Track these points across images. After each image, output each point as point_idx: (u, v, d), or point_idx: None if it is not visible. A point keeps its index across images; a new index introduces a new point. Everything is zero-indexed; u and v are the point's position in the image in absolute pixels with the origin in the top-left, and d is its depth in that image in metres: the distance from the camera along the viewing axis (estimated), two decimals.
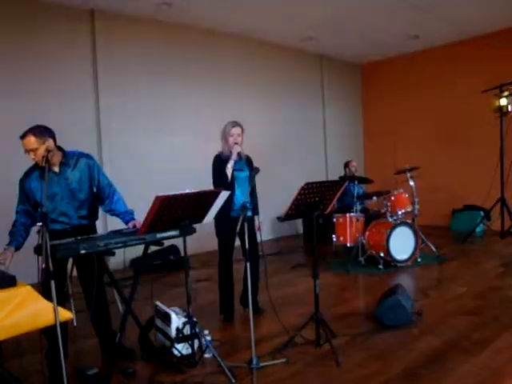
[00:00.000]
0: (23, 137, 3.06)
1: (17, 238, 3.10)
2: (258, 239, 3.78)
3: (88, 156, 3.40)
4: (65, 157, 3.25)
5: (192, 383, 2.95)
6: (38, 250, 2.78)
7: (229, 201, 3.98)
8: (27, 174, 3.20)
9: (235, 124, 4.10)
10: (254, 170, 3.94)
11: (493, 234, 7.55)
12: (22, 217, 3.18)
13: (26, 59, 5.77)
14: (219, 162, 4.13)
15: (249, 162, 4.29)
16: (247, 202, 2.92)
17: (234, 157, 4.03)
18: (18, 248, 3.07)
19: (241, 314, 4.30)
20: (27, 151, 3.07)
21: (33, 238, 2.92)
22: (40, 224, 2.44)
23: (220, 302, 4.31)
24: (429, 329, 3.71)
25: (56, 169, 3.21)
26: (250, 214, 4.21)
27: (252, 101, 8.17)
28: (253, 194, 4.24)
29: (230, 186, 3.99)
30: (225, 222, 3.99)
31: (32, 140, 3.04)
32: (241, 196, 4.11)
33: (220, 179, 4.07)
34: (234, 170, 4.07)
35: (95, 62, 6.38)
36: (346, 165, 7.47)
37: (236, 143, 4.04)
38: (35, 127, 3.09)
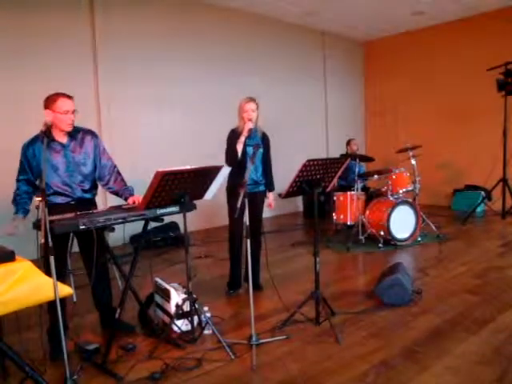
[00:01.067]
0: (70, 97, 3.14)
1: (23, 206, 3.10)
2: (264, 216, 3.76)
3: (94, 133, 3.40)
4: (72, 130, 3.23)
5: (191, 359, 2.96)
6: (36, 226, 2.76)
7: (240, 176, 3.98)
8: (32, 142, 3.14)
9: (249, 100, 4.05)
10: (254, 147, 3.93)
11: (494, 214, 7.54)
12: (24, 185, 3.16)
13: (27, 31, 5.66)
14: (232, 136, 4.11)
15: (264, 138, 4.24)
16: (255, 178, 2.87)
17: (245, 133, 3.99)
18: (24, 216, 3.08)
19: (241, 291, 4.31)
20: (71, 112, 3.11)
21: (33, 213, 2.89)
22: (39, 199, 2.40)
23: (229, 276, 4.36)
24: (428, 307, 3.72)
25: (63, 140, 3.19)
26: (262, 188, 4.25)
27: (253, 77, 8.04)
28: (267, 169, 4.26)
29: (238, 161, 3.98)
30: (236, 196, 3.97)
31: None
32: (253, 172, 4.10)
33: (230, 154, 4.07)
34: (246, 146, 4.05)
35: (94, 36, 6.25)
36: (348, 143, 7.44)
37: (249, 119, 3.99)
38: None
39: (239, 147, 4.00)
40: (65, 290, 2.43)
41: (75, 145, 3.24)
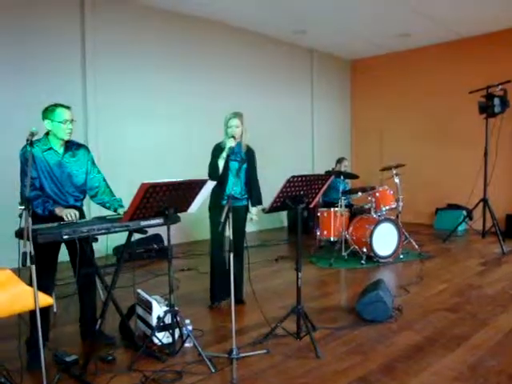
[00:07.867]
0: (68, 107, 3.23)
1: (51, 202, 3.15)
2: (249, 230, 3.78)
3: (86, 148, 3.49)
4: (68, 142, 3.31)
5: (171, 372, 2.95)
6: (19, 234, 2.74)
7: (222, 190, 4.02)
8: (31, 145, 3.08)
9: (232, 116, 4.10)
10: (239, 162, 3.97)
11: (474, 233, 7.66)
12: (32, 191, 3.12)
13: (16, 35, 5.68)
14: (216, 151, 4.16)
15: (249, 153, 4.28)
16: (234, 193, 2.91)
17: (224, 154, 4.03)
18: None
19: (223, 305, 4.31)
20: (70, 121, 3.20)
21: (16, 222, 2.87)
22: (22, 207, 2.40)
23: (210, 289, 4.36)
24: (408, 324, 3.76)
25: (60, 150, 3.26)
26: (244, 203, 4.28)
27: (240, 92, 8.11)
28: (251, 184, 4.29)
29: (218, 176, 4.02)
30: (217, 210, 3.99)
31: None
32: (234, 186, 4.14)
33: (212, 169, 4.12)
34: (230, 161, 4.09)
35: (83, 40, 6.28)
36: (340, 161, 7.27)
37: (233, 136, 4.03)
38: None
39: (221, 163, 4.05)
40: (45, 299, 2.42)
41: (70, 156, 3.32)
